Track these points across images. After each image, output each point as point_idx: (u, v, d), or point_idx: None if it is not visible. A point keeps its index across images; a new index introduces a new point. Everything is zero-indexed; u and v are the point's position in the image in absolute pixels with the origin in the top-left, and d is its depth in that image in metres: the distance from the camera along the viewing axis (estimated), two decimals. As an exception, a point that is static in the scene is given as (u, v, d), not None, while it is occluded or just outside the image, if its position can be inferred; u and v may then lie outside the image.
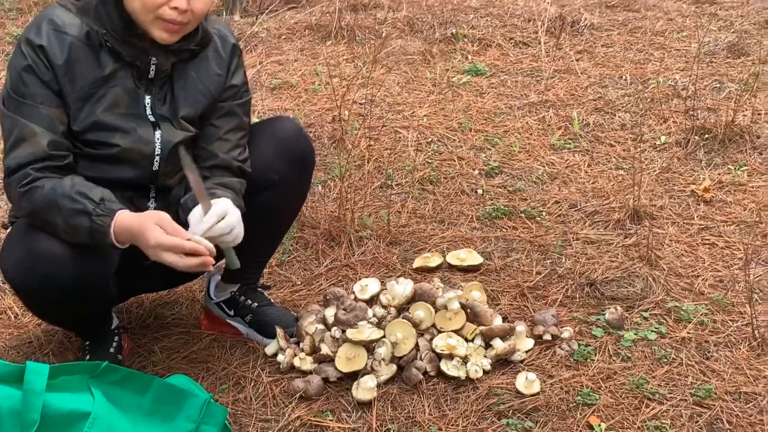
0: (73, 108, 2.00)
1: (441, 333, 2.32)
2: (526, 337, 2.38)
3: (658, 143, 3.62)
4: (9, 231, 2.12)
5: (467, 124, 3.84)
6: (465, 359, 2.27)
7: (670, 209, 3.10)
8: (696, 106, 3.81)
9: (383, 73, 4.43)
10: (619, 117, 3.88)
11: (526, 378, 2.21)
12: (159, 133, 2.09)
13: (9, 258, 2.02)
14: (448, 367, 2.25)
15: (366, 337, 2.26)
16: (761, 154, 3.48)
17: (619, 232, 2.96)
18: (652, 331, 2.41)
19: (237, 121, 2.21)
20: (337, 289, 2.50)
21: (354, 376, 2.23)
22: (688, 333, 2.40)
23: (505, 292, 2.64)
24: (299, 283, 2.76)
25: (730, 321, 2.46)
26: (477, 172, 3.43)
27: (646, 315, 2.49)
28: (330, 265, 2.84)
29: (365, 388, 2.19)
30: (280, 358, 2.34)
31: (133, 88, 2.06)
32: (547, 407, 2.14)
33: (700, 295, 2.59)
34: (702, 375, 2.24)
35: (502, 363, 2.30)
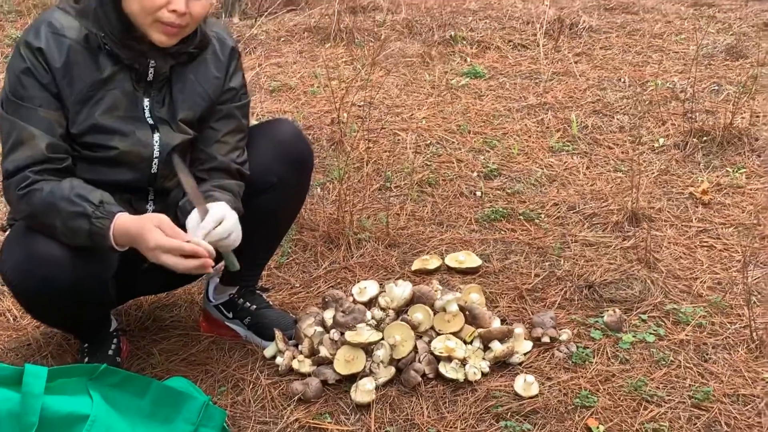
0: (71, 111, 2.01)
1: (439, 335, 2.33)
2: (525, 339, 2.38)
3: (656, 146, 3.62)
4: (7, 234, 2.12)
5: (466, 126, 3.84)
6: (463, 361, 2.27)
7: (668, 211, 3.10)
8: (694, 108, 3.82)
9: (382, 76, 4.43)
10: (617, 119, 3.89)
11: (525, 380, 2.21)
12: (158, 135, 2.09)
13: (8, 260, 2.02)
14: (447, 370, 2.25)
15: (364, 340, 2.26)
16: (759, 157, 3.48)
17: (618, 235, 2.96)
18: (651, 333, 2.42)
19: (235, 123, 2.21)
20: (335, 291, 2.50)
21: (352, 379, 2.23)
22: (687, 335, 2.41)
23: (504, 294, 2.64)
24: (298, 285, 2.76)
25: (729, 323, 2.46)
26: (475, 175, 3.43)
27: (644, 317, 2.49)
28: (329, 267, 2.85)
29: (364, 391, 2.19)
30: (278, 361, 2.34)
31: (131, 91, 2.06)
32: (546, 409, 2.15)
33: (699, 297, 2.59)
34: (700, 377, 2.25)
35: (501, 365, 2.30)
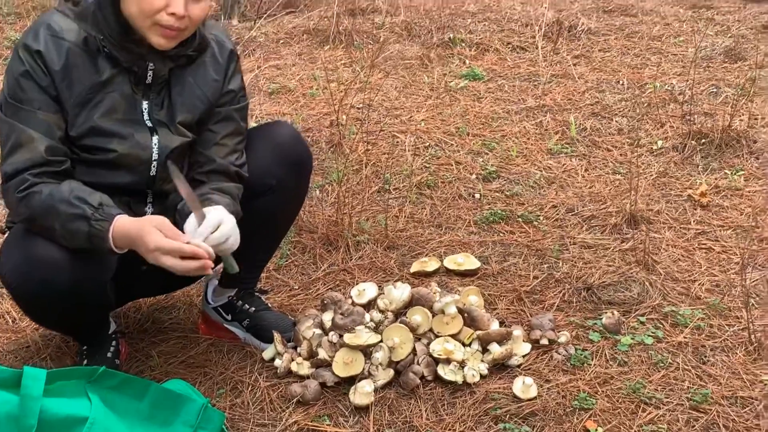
0: (70, 113, 2.01)
1: (438, 337, 2.33)
2: (523, 341, 2.39)
3: (654, 148, 3.63)
4: (6, 236, 2.12)
5: (465, 128, 3.84)
6: (462, 364, 2.27)
7: (666, 214, 3.11)
8: (693, 110, 3.82)
9: (381, 78, 4.44)
10: (616, 122, 3.89)
11: (523, 382, 2.21)
12: (156, 138, 2.09)
13: (6, 263, 2.02)
14: (445, 372, 2.26)
15: (363, 342, 2.26)
16: (758, 159, 3.48)
17: (616, 237, 2.96)
18: (649, 335, 2.42)
19: (234, 126, 2.21)
20: (334, 293, 2.50)
21: (351, 381, 2.23)
22: (685, 337, 2.41)
23: (503, 296, 2.64)
24: (297, 287, 2.77)
25: (727, 325, 2.46)
26: (474, 177, 3.43)
27: (642, 319, 2.49)
28: (327, 269, 2.85)
29: (362, 393, 2.19)
30: (277, 363, 2.34)
31: (130, 94, 2.06)
32: (544, 412, 2.15)
33: (697, 299, 2.59)
34: (698, 379, 2.25)
35: (499, 367, 2.31)
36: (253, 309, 2.47)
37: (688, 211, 3.12)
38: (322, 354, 2.29)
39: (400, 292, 2.40)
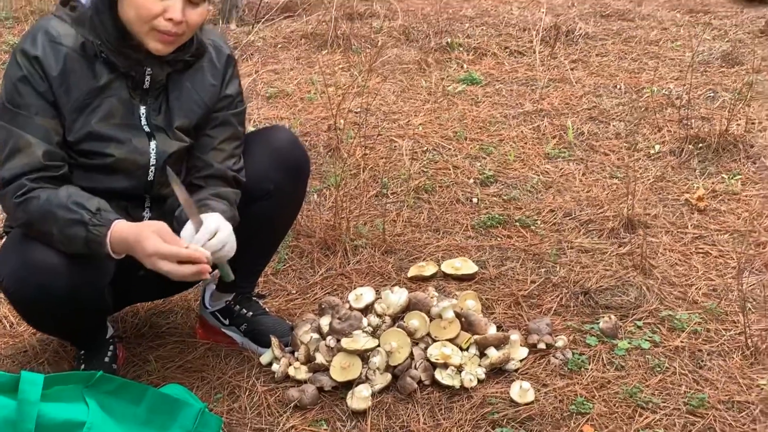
0: (68, 118, 2.01)
1: (435, 342, 2.33)
2: (521, 346, 2.39)
3: (652, 152, 3.63)
4: (4, 241, 2.13)
5: (462, 132, 3.85)
6: (459, 368, 2.27)
7: (664, 218, 3.11)
8: (690, 115, 3.83)
9: (379, 82, 4.44)
10: (613, 126, 3.90)
11: (521, 387, 2.21)
12: (154, 143, 2.10)
13: (4, 268, 2.01)
14: (443, 376, 2.26)
15: (361, 347, 2.26)
16: (755, 163, 3.49)
17: (613, 241, 2.97)
18: (646, 340, 2.42)
19: (232, 130, 2.21)
20: (332, 298, 2.50)
21: (349, 386, 2.23)
22: (682, 342, 2.41)
23: (500, 300, 2.65)
24: (294, 292, 2.77)
25: (724, 330, 2.46)
26: (472, 181, 3.44)
27: (639, 324, 2.50)
28: (325, 274, 2.85)
29: (360, 398, 2.19)
30: (274, 368, 2.34)
31: (128, 99, 2.06)
32: (541, 416, 2.15)
33: (694, 304, 2.60)
34: (695, 384, 2.25)
35: (497, 372, 2.31)
36: (250, 313, 2.47)
37: (685, 216, 3.13)
38: (320, 358, 2.29)
39: (398, 297, 2.40)
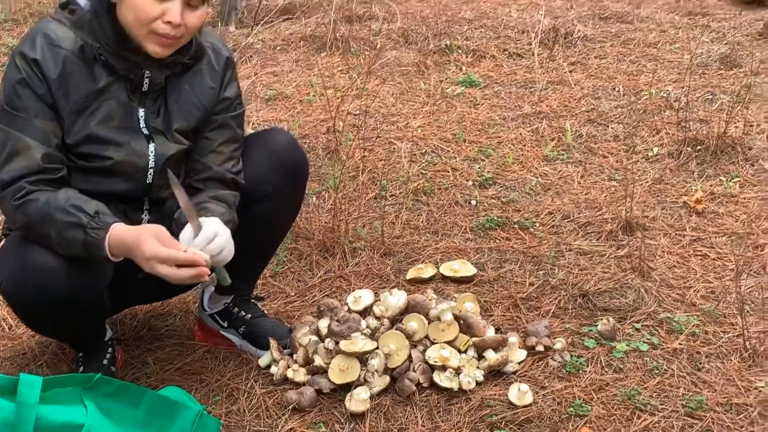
0: (66, 121, 2.01)
1: (434, 344, 2.33)
2: (519, 348, 2.39)
3: (650, 154, 3.64)
4: (3, 243, 2.13)
5: (461, 135, 3.85)
6: (458, 370, 2.28)
7: (662, 220, 3.11)
8: (688, 117, 3.83)
9: (378, 84, 4.45)
10: (611, 128, 3.90)
11: (519, 389, 2.22)
12: (153, 146, 2.10)
13: (3, 270, 2.01)
14: (441, 379, 2.26)
15: (359, 349, 2.26)
16: (753, 166, 3.49)
17: (612, 243, 2.97)
18: (644, 342, 2.42)
19: (230, 133, 2.21)
20: (330, 300, 2.50)
21: (347, 388, 2.23)
22: (680, 344, 2.41)
23: (498, 303, 2.65)
24: (293, 294, 2.77)
25: (722, 332, 2.47)
26: (471, 183, 3.44)
27: (638, 326, 2.50)
28: (324, 276, 2.85)
29: (358, 400, 2.19)
30: (273, 370, 2.34)
31: (126, 101, 2.07)
32: (540, 418, 2.15)
33: (692, 306, 2.60)
34: (693, 386, 2.25)
35: (495, 374, 2.31)
36: (249, 316, 2.48)
37: (684, 218, 3.13)
38: (318, 361, 2.29)
39: (396, 299, 2.40)
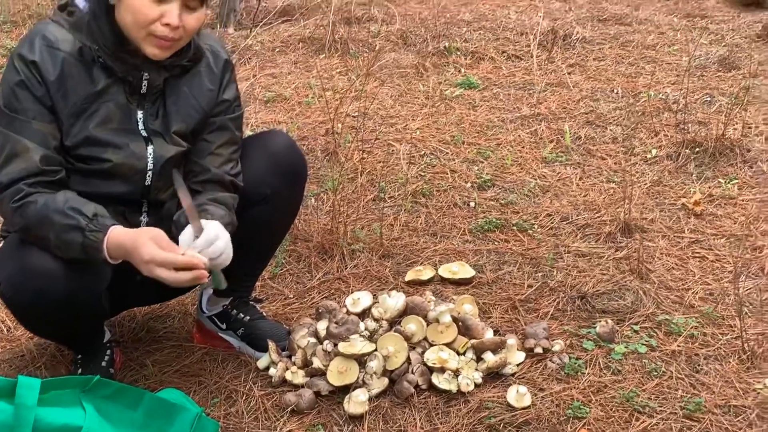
0: (65, 123, 2.01)
1: (432, 346, 2.33)
2: (518, 350, 2.39)
3: (649, 156, 3.64)
4: (1, 245, 2.12)
5: (460, 137, 3.85)
6: (456, 372, 2.28)
7: (660, 222, 3.12)
8: (687, 119, 3.84)
9: (376, 86, 4.45)
10: (610, 130, 3.91)
11: (517, 391, 2.22)
12: (151, 148, 2.10)
13: (1, 272, 2.01)
14: (440, 381, 2.26)
15: (358, 351, 2.26)
16: (751, 168, 3.50)
17: (610, 245, 2.97)
18: (643, 344, 2.42)
19: (229, 135, 2.22)
20: (329, 302, 2.50)
21: (346, 390, 2.23)
22: (678, 346, 2.41)
23: (497, 305, 2.65)
24: (291, 296, 2.77)
25: (720, 334, 2.47)
26: (469, 185, 3.44)
27: (636, 328, 2.50)
28: (322, 278, 2.85)
29: (357, 402, 2.19)
30: (271, 372, 2.34)
31: (125, 104, 2.07)
32: (538, 420, 2.15)
33: (690, 308, 2.60)
34: (692, 388, 2.25)
35: (494, 376, 2.31)
36: (247, 318, 2.48)
37: (682, 220, 3.13)
38: (317, 363, 2.29)
39: (395, 301, 2.40)
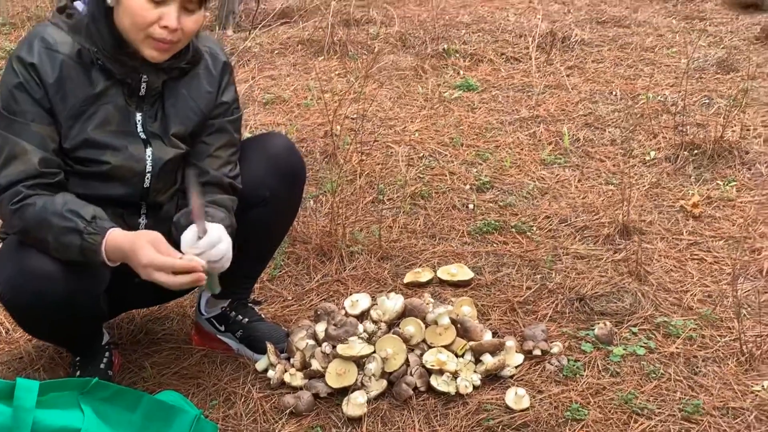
0: (64, 126, 2.01)
1: (431, 348, 2.33)
2: (516, 352, 2.39)
3: (647, 159, 3.64)
4: (0, 248, 2.13)
5: (458, 139, 3.86)
6: (455, 375, 2.28)
7: (659, 224, 3.12)
8: (685, 121, 3.84)
9: (375, 88, 4.45)
10: (609, 132, 3.91)
11: (516, 393, 2.22)
12: (150, 150, 2.10)
13: (0, 275, 2.02)
14: (438, 383, 2.26)
15: (356, 353, 2.26)
16: (750, 170, 3.50)
17: (609, 247, 2.97)
18: (641, 346, 2.42)
19: (227, 137, 2.22)
20: (328, 304, 2.50)
21: (344, 392, 2.23)
22: (677, 348, 2.42)
23: (496, 307, 2.65)
24: (290, 298, 2.77)
25: (719, 336, 2.47)
26: (468, 187, 3.44)
27: (635, 330, 2.50)
28: (321, 280, 2.85)
29: (355, 404, 2.19)
30: (270, 374, 2.34)
31: (124, 106, 2.07)
32: (537, 423, 2.15)
33: (689, 310, 2.60)
34: (690, 390, 2.26)
35: (492, 378, 2.31)
36: (246, 320, 2.48)
37: (681, 222, 3.13)
38: (315, 365, 2.29)
39: (393, 303, 2.40)
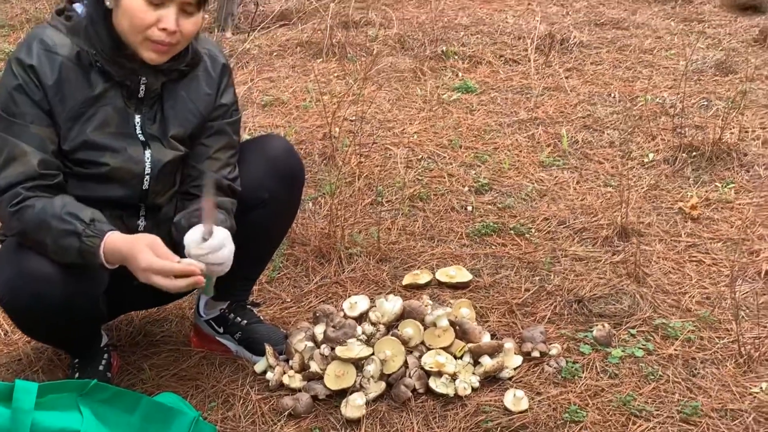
0: (63, 127, 2.01)
1: (430, 350, 2.33)
2: (515, 354, 2.39)
3: (646, 160, 3.64)
4: (-1, 249, 2.13)
5: (457, 141, 3.86)
6: (454, 376, 2.28)
7: (657, 226, 3.12)
8: (684, 123, 3.84)
9: (374, 90, 4.45)
10: (607, 134, 3.91)
11: (514, 395, 2.22)
12: (149, 152, 2.10)
13: (-2, 277, 2.02)
14: (437, 385, 2.26)
15: (355, 355, 2.27)
16: (748, 172, 3.50)
17: (607, 249, 2.98)
18: (639, 348, 2.43)
19: (226, 139, 2.22)
20: (326, 306, 2.50)
21: (343, 394, 2.23)
22: (675, 350, 2.42)
23: (494, 309, 2.65)
24: (289, 300, 2.77)
25: (717, 338, 2.47)
26: (467, 189, 3.45)
27: (633, 332, 2.50)
28: (320, 282, 2.85)
29: (354, 406, 2.19)
30: (269, 376, 2.34)
31: (122, 108, 2.07)
32: (535, 424, 2.15)
33: (687, 312, 2.61)
34: (689, 392, 2.26)
35: (491, 380, 2.31)
36: (245, 322, 2.48)
37: (679, 224, 3.14)
38: (314, 367, 2.29)
39: (392, 305, 2.40)
